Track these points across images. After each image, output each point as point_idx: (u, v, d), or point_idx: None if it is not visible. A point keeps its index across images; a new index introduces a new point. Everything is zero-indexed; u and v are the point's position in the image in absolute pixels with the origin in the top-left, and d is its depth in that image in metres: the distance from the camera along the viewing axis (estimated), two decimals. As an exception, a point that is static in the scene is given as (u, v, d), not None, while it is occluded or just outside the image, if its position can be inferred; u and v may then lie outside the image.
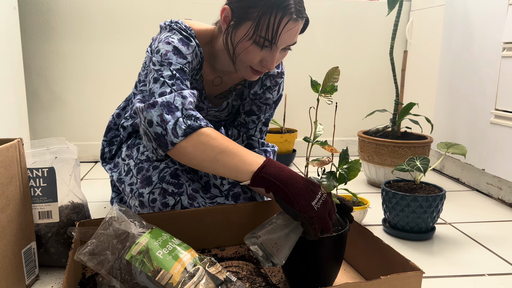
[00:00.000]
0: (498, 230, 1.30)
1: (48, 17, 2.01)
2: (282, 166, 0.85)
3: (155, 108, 0.91)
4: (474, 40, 1.67)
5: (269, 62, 1.01)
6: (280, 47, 0.99)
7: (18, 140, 0.89)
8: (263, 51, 0.99)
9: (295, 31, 0.99)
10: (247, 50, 0.99)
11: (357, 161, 0.84)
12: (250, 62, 1.01)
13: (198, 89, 1.15)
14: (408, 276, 0.76)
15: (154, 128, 0.91)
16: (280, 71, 1.21)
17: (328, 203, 0.81)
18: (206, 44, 1.10)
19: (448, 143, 1.34)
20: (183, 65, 0.98)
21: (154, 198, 1.11)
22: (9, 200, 0.85)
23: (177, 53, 0.98)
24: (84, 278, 0.93)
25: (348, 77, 2.24)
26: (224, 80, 1.17)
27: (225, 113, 1.25)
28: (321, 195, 0.80)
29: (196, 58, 1.05)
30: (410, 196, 1.18)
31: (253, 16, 0.95)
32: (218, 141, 0.88)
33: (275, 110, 1.28)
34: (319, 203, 0.79)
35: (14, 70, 1.77)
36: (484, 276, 1.02)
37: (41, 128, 2.11)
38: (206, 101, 1.19)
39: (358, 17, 2.20)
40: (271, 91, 1.22)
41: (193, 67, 1.04)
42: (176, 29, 1.05)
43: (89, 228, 0.86)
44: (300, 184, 0.80)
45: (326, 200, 0.80)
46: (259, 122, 1.24)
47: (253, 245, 0.79)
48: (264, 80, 1.20)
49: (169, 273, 0.76)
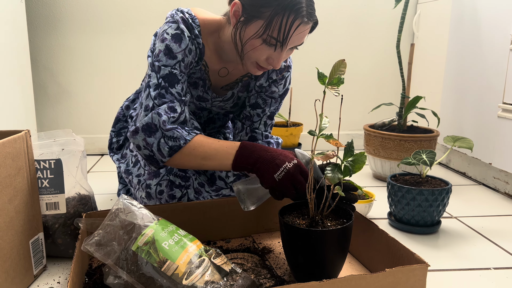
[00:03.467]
0: (504, 224, 1.29)
1: (54, 10, 2.02)
2: (252, 150, 0.96)
3: (138, 134, 1.00)
4: (482, 32, 1.65)
5: (275, 61, 1.01)
6: (288, 47, 1.00)
7: (26, 132, 0.89)
8: (270, 50, 0.99)
9: (304, 33, 1.00)
10: (256, 48, 0.99)
11: (362, 153, 0.83)
12: (257, 59, 1.02)
13: (202, 79, 1.15)
14: (413, 269, 0.76)
15: (143, 151, 1.01)
16: (287, 64, 1.20)
17: (290, 173, 0.91)
18: (212, 33, 1.10)
19: (454, 137, 1.34)
20: (172, 66, 1.02)
21: (161, 190, 1.13)
22: (17, 191, 0.86)
23: (168, 53, 1.01)
24: (91, 269, 0.94)
25: (354, 70, 2.23)
26: (230, 71, 1.16)
27: (230, 104, 1.25)
28: (284, 167, 0.91)
29: (191, 53, 1.04)
30: (416, 190, 1.18)
31: (265, 15, 0.95)
32: (199, 150, 0.99)
33: (281, 103, 1.27)
34: (281, 175, 0.91)
35: (20, 63, 1.78)
36: (490, 270, 1.02)
37: (48, 121, 2.12)
38: (210, 91, 1.18)
39: (365, 9, 2.19)
40: (277, 85, 1.21)
41: (187, 62, 1.04)
42: (177, 20, 1.04)
43: (95, 219, 0.87)
44: (266, 162, 0.93)
45: (289, 171, 0.91)
46: (264, 115, 1.24)
47: (234, 191, 1.02)
48: (270, 73, 1.20)
49: (175, 264, 0.76)
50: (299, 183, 0.92)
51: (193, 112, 1.26)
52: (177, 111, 1.00)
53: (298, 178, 0.92)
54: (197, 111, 1.26)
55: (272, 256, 1.01)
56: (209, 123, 1.32)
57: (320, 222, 0.86)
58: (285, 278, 0.91)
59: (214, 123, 1.33)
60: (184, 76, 1.04)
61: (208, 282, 0.76)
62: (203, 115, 1.29)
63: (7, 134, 0.87)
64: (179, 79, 1.02)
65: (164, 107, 0.99)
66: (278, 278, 0.91)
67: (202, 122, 1.30)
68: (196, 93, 1.19)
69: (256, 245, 1.07)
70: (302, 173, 0.93)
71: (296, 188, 0.92)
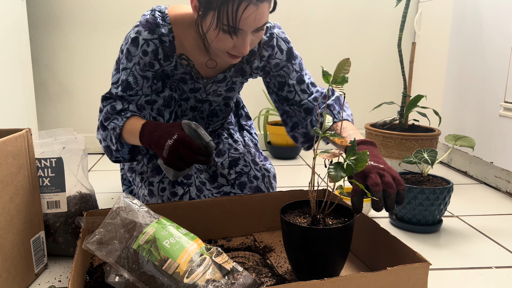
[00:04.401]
0: (505, 223, 1.29)
1: (55, 8, 2.02)
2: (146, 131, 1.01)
3: (98, 130, 1.17)
4: (484, 31, 1.64)
5: (241, 47, 1.00)
6: (249, 31, 0.98)
7: (27, 130, 0.89)
8: (233, 38, 0.99)
9: (259, 14, 0.97)
10: (218, 38, 0.99)
11: (365, 152, 0.83)
12: (224, 48, 1.02)
13: (187, 73, 1.16)
14: (415, 268, 0.76)
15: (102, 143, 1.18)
16: (269, 33, 1.16)
17: (172, 149, 0.94)
18: (189, 28, 1.11)
19: (456, 136, 1.33)
20: (130, 68, 1.10)
21: (164, 187, 1.14)
22: (18, 189, 0.86)
23: (128, 55, 1.10)
24: (92, 267, 0.94)
25: (355, 69, 2.23)
26: (218, 61, 1.16)
27: (224, 87, 1.23)
28: (167, 145, 0.95)
29: (147, 55, 1.08)
30: (417, 189, 1.18)
31: (214, 5, 0.96)
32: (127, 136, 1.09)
33: (300, 65, 1.21)
34: (167, 152, 0.95)
35: (22, 62, 1.78)
36: (491, 269, 1.02)
37: (49, 119, 2.13)
38: (201, 80, 1.19)
39: (366, 8, 2.18)
40: (274, 56, 1.17)
41: (146, 62, 1.09)
42: (141, 22, 1.09)
43: (96, 218, 0.87)
44: (155, 142, 0.98)
45: (171, 147, 0.95)
46: (294, 86, 1.19)
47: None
48: (260, 52, 1.17)
49: (176, 262, 0.76)
50: (184, 155, 0.95)
51: (193, 107, 1.26)
52: (116, 108, 1.11)
53: (181, 150, 0.95)
54: (197, 104, 1.26)
55: (273, 255, 1.01)
56: (212, 116, 1.32)
57: (321, 220, 0.86)
58: (286, 277, 0.91)
59: (217, 116, 1.32)
60: (145, 73, 1.10)
61: (209, 280, 0.76)
62: (205, 109, 1.29)
63: (8, 133, 0.87)
64: (135, 80, 1.11)
65: (103, 111, 1.13)
66: (279, 276, 0.91)
67: (205, 116, 1.30)
68: (187, 87, 1.19)
69: (257, 243, 1.07)
70: (185, 144, 0.95)
71: (183, 160, 0.96)
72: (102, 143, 1.18)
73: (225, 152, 1.28)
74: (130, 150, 1.18)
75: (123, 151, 1.17)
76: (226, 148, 1.28)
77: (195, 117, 1.28)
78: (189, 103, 1.24)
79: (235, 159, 1.25)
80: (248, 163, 1.26)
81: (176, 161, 0.95)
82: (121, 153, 1.17)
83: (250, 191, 1.20)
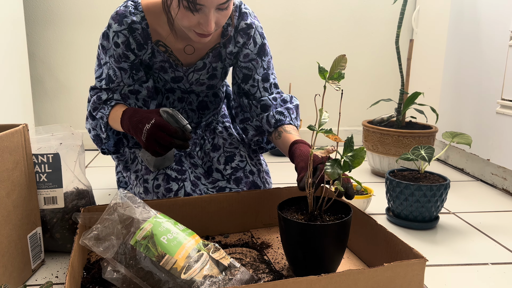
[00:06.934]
0: (502, 220, 1.30)
1: (52, 4, 2.00)
2: (126, 117, 1.05)
3: (87, 120, 1.24)
4: (481, 29, 1.65)
5: (204, 25, 1.00)
6: (211, 7, 0.98)
7: (23, 126, 0.89)
8: (196, 15, 0.99)
9: None
10: (181, 15, 1.00)
11: (362, 149, 0.83)
12: (189, 26, 1.02)
13: (166, 61, 1.17)
14: (411, 264, 0.76)
15: (92, 133, 1.25)
16: (249, 22, 1.16)
17: (150, 133, 0.98)
18: (161, 14, 1.11)
19: (453, 133, 1.34)
20: (108, 62, 1.14)
21: (158, 184, 1.14)
22: (15, 185, 0.86)
23: (103, 50, 1.14)
24: (89, 263, 0.94)
25: (353, 66, 2.22)
26: (196, 47, 1.16)
27: (206, 75, 1.23)
28: (145, 129, 0.99)
29: (118, 46, 1.10)
30: (414, 185, 1.18)
31: None
32: (112, 122, 1.14)
33: (268, 63, 1.22)
34: (145, 136, 0.99)
35: (18, 57, 1.77)
36: (487, 265, 1.02)
37: (46, 115, 2.12)
38: (180, 68, 1.19)
39: (364, 5, 2.18)
40: (247, 46, 1.18)
41: (120, 53, 1.11)
42: (112, 15, 1.11)
43: (94, 214, 0.87)
44: (134, 127, 1.02)
45: (148, 131, 0.99)
46: (257, 82, 1.20)
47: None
48: (236, 37, 1.17)
49: (174, 258, 0.76)
50: (160, 139, 0.99)
51: (180, 98, 1.26)
52: (102, 98, 1.15)
53: (158, 134, 0.98)
54: (184, 95, 1.26)
55: (270, 251, 1.01)
56: (203, 109, 1.31)
57: (318, 217, 0.86)
58: (284, 273, 0.91)
59: (207, 108, 1.32)
60: (121, 65, 1.12)
61: (206, 276, 0.76)
62: (192, 99, 1.28)
63: (4, 128, 0.86)
64: (114, 73, 1.14)
65: (91, 101, 1.18)
66: (276, 272, 0.91)
67: (195, 108, 1.30)
68: (168, 76, 1.20)
69: (255, 240, 1.08)
70: (162, 129, 0.99)
71: (161, 143, 1.00)
72: (92, 132, 1.23)
73: (220, 146, 1.28)
74: (115, 143, 1.24)
75: (108, 144, 1.22)
76: (221, 142, 1.28)
77: (185, 109, 1.29)
78: (176, 95, 1.26)
79: (231, 155, 1.25)
80: (244, 157, 1.25)
81: (154, 145, 0.99)
82: (106, 145, 1.24)
83: (245, 186, 1.20)
